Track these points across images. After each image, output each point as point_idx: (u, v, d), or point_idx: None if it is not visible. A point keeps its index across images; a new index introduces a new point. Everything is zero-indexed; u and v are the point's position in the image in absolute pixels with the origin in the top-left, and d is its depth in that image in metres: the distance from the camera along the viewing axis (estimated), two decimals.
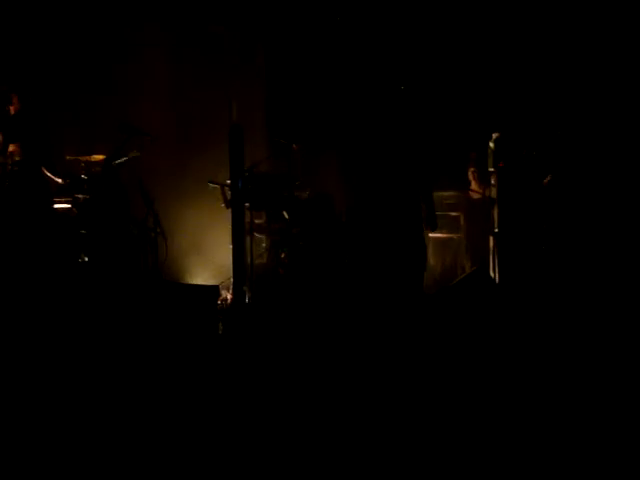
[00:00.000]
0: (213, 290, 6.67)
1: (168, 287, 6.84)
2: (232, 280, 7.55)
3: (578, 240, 6.90)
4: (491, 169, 8.67)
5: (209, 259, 8.54)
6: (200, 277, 8.36)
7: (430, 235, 9.72)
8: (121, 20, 9.31)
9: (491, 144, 8.63)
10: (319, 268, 7.78)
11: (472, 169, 9.98)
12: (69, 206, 7.55)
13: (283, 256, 7.91)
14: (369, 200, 6.92)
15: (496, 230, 8.49)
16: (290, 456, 3.88)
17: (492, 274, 8.15)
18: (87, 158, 7.69)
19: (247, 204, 7.65)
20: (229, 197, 7.85)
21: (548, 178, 7.10)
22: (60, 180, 7.59)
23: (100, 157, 7.62)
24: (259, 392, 4.84)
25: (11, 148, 7.31)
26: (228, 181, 7.79)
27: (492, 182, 8.72)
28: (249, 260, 7.52)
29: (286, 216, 7.91)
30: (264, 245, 8.25)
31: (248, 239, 7.62)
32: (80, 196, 7.61)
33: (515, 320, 6.30)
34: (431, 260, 9.81)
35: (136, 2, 9.22)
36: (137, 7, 9.22)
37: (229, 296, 7.60)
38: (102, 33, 9.24)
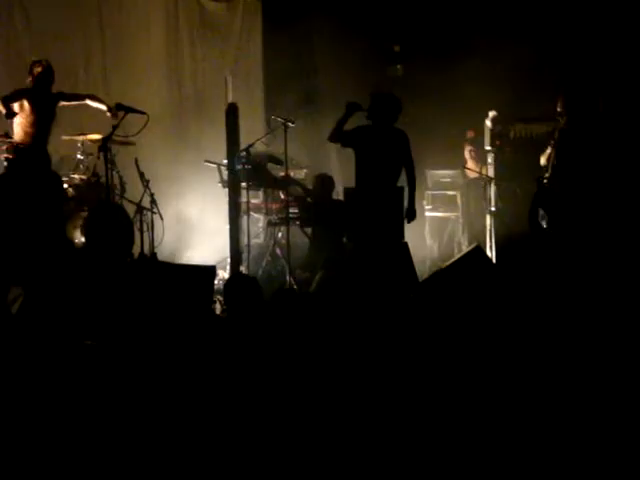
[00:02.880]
0: (210, 270, 6.66)
1: (165, 267, 6.83)
2: (229, 260, 7.57)
3: (578, 220, 6.89)
4: (488, 147, 8.67)
5: (206, 239, 8.54)
6: (197, 257, 8.35)
7: (427, 214, 9.75)
8: None
9: (488, 122, 8.61)
10: (317, 248, 7.79)
11: (469, 148, 9.99)
12: (65, 186, 7.51)
13: (280, 236, 7.91)
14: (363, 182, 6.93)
15: (492, 209, 8.49)
16: (288, 444, 3.90)
17: (489, 253, 8.17)
18: (84, 138, 7.63)
19: (243, 183, 7.64)
20: (225, 177, 7.84)
21: (549, 152, 7.09)
22: (109, 113, 7.27)
23: (97, 137, 7.55)
24: (257, 376, 4.85)
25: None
26: (225, 160, 7.76)
27: (489, 161, 8.71)
28: (246, 240, 7.52)
29: (282, 196, 7.90)
30: (261, 225, 8.25)
31: (245, 219, 7.61)
32: (76, 176, 7.60)
33: (511, 299, 6.31)
34: (428, 239, 9.84)
35: None
36: None
37: (226, 276, 7.60)
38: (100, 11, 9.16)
